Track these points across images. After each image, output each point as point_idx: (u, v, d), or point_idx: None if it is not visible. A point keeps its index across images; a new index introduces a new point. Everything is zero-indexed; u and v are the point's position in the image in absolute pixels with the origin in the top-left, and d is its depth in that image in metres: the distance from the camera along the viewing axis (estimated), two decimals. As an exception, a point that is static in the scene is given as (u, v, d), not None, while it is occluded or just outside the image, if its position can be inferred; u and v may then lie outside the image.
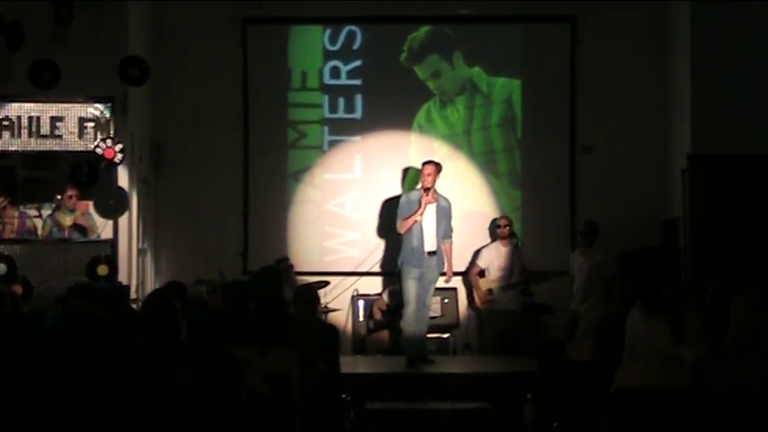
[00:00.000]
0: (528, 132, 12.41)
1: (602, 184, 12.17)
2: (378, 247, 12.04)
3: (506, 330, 11.30)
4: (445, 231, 10.37)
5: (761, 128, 11.20)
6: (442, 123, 12.45)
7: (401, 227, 10.16)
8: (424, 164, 10.42)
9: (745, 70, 11.30)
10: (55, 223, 10.35)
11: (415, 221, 10.09)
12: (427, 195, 10.12)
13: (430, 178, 10.22)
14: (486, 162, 12.42)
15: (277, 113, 12.38)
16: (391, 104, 12.29)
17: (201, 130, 12.16)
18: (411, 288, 10.09)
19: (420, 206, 10.08)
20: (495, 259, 11.54)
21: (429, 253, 10.12)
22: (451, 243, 10.51)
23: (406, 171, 12.00)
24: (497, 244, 11.63)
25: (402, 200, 10.42)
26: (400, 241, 10.40)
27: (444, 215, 10.37)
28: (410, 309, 10.11)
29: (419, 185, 10.44)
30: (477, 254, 11.81)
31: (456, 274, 11.50)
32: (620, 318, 5.81)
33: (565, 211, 12.27)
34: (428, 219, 10.23)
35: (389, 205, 11.63)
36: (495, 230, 11.77)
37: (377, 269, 12.03)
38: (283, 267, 11.15)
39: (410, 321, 10.17)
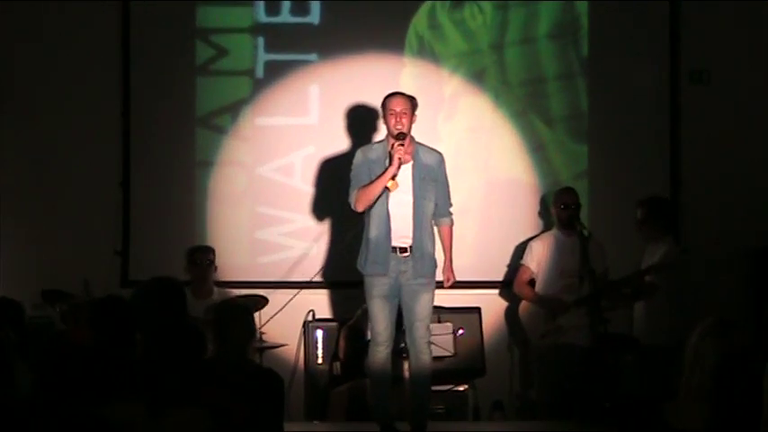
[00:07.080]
0: (599, 49, 8.76)
1: (722, 135, 8.43)
2: (336, 239, 8.36)
3: (571, 379, 7.91)
4: (437, 206, 6.97)
5: None
6: (455, 33, 8.77)
7: (357, 200, 6.75)
8: (390, 96, 6.93)
9: None
10: None
11: (385, 189, 6.66)
12: (401, 146, 6.62)
13: (404, 119, 6.74)
14: (528, 99, 8.67)
15: (177, 18, 8.63)
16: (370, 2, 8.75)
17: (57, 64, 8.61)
18: (377, 311, 6.88)
19: (391, 164, 6.64)
20: (552, 258, 8.07)
21: (399, 250, 6.68)
22: (451, 224, 7.09)
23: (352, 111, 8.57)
24: (556, 234, 8.07)
25: (356, 159, 6.92)
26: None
27: (431, 179, 6.86)
28: (379, 347, 6.91)
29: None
30: (524, 250, 8.32)
31: (481, 284, 8.31)
32: (748, 360, 4.45)
33: (657, 179, 8.46)
34: (399, 189, 6.76)
35: (335, 168, 8.30)
36: (551, 212, 8.57)
37: (344, 278, 8.10)
38: (203, 264, 8.13)
39: (378, 364, 7.00)
